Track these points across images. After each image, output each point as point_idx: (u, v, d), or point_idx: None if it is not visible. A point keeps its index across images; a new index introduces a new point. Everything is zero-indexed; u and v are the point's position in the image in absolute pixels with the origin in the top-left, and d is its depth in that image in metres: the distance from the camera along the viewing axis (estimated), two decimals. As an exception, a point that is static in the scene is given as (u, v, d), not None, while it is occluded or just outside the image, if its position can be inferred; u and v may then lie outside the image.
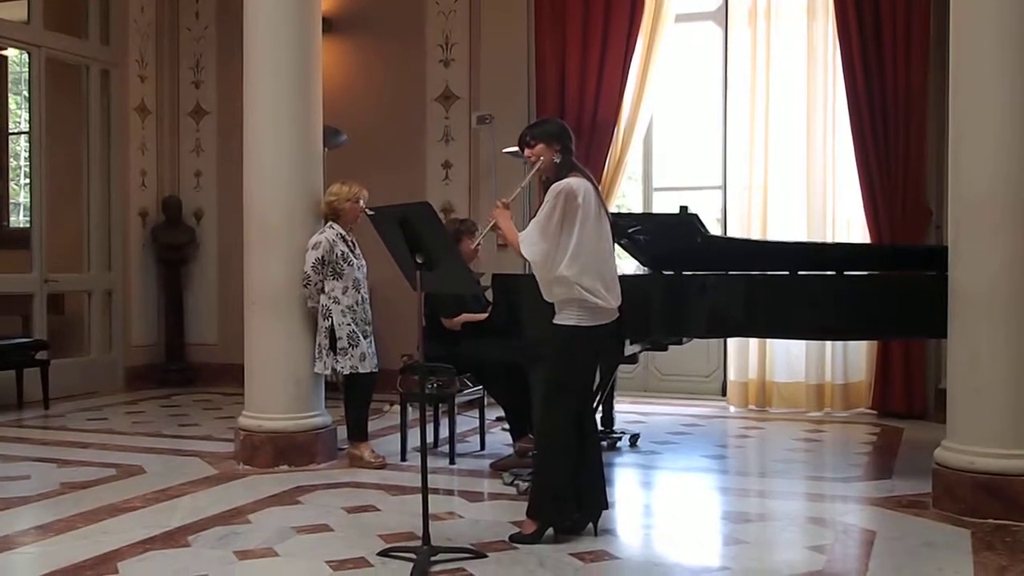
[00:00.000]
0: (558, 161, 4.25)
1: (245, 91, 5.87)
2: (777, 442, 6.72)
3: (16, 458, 6.01)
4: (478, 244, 4.94)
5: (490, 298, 5.83)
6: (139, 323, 9.40)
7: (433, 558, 3.88)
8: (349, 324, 5.69)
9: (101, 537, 4.26)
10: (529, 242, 4.14)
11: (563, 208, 4.12)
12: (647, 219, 6.83)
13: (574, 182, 4.18)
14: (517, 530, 4.25)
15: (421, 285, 4.11)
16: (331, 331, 5.68)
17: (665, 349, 6.61)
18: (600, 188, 7.80)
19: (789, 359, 7.81)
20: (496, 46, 8.55)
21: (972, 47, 4.60)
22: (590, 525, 4.30)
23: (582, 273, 4.11)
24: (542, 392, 4.36)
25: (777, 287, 5.56)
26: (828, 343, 7.59)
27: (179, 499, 4.97)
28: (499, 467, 5.63)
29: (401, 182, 8.27)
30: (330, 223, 5.81)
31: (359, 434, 5.82)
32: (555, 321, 4.23)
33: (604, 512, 4.34)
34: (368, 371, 5.75)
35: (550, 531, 4.20)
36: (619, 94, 8.04)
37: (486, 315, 5.73)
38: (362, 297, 5.82)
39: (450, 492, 5.27)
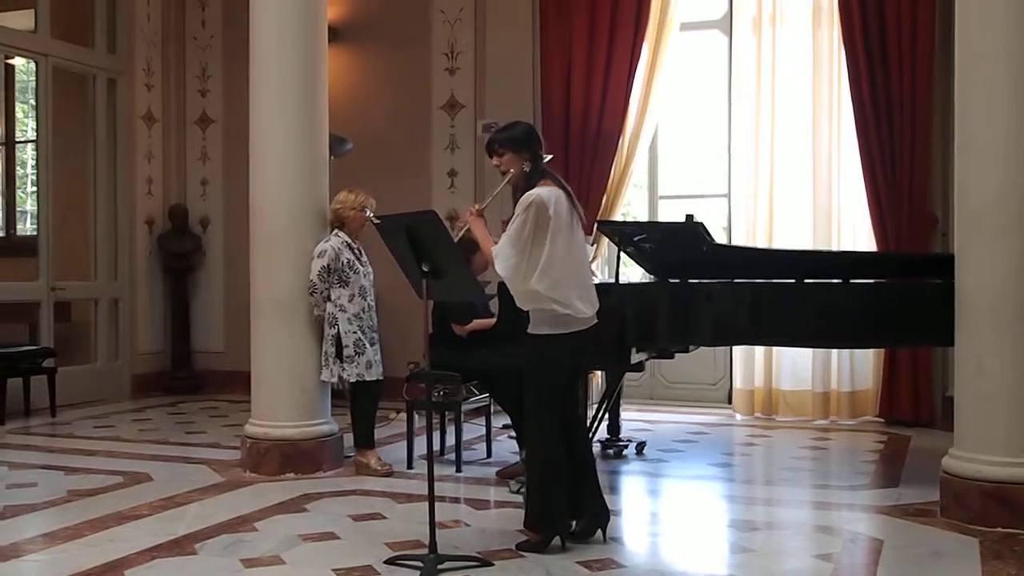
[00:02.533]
0: (527, 169, 4.23)
1: (251, 99, 5.89)
2: (784, 450, 6.70)
3: (23, 465, 6.02)
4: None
5: (495, 307, 5.84)
6: (146, 331, 9.41)
7: (440, 566, 3.88)
8: (355, 332, 5.70)
9: (108, 545, 4.26)
10: (503, 257, 4.12)
11: (534, 221, 4.08)
12: (653, 227, 6.83)
13: (544, 192, 4.15)
14: (524, 538, 4.25)
15: (427, 293, 4.12)
16: (337, 339, 5.68)
17: (671, 357, 6.60)
18: (604, 197, 7.95)
19: (795, 367, 7.80)
20: (501, 54, 8.57)
21: (977, 54, 4.60)
22: (599, 532, 4.29)
23: (553, 286, 4.10)
24: (526, 402, 4.34)
25: (783, 295, 5.55)
26: (834, 351, 7.58)
27: (186, 507, 4.98)
28: (506, 475, 5.62)
29: (407, 190, 8.28)
30: (336, 231, 5.82)
31: (365, 442, 5.82)
32: (528, 331, 4.23)
33: (612, 519, 4.33)
34: (374, 379, 5.75)
35: (557, 539, 4.19)
36: (624, 102, 8.05)
37: (494, 321, 5.74)
38: (368, 305, 5.83)
39: (456, 500, 5.26)
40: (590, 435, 5.59)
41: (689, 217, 5.92)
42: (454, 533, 4.47)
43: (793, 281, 5.64)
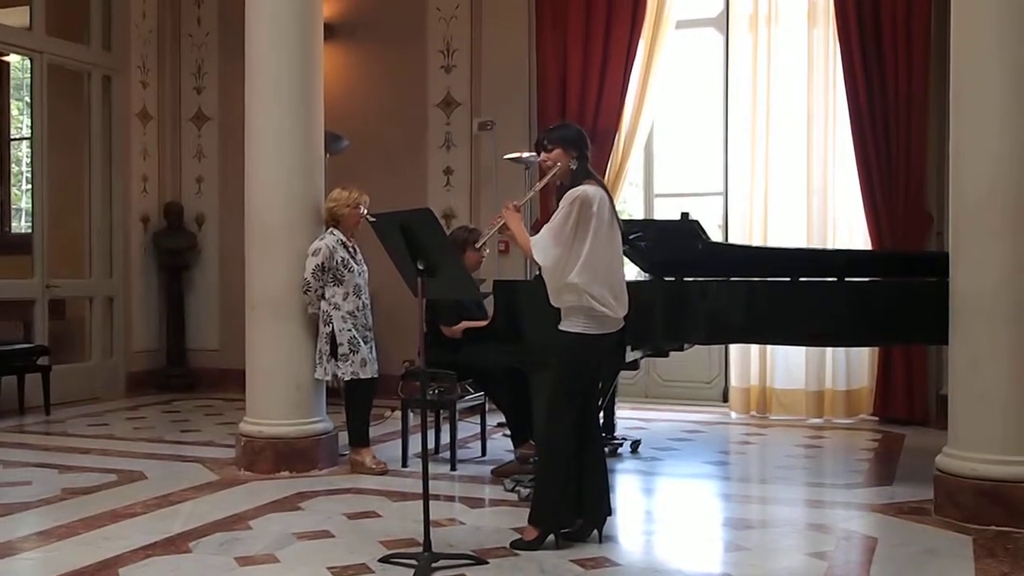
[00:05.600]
0: (574, 167, 4.26)
1: (247, 97, 5.88)
2: (778, 448, 6.71)
3: (17, 464, 6.01)
4: (483, 243, 4.82)
5: (491, 305, 5.83)
6: (140, 328, 9.40)
7: (434, 564, 3.88)
8: (350, 330, 5.69)
9: (102, 543, 4.25)
10: (542, 247, 4.13)
11: (578, 215, 4.11)
12: (648, 225, 6.83)
13: (590, 190, 4.18)
14: (518, 536, 4.26)
15: (422, 291, 4.12)
16: (332, 337, 5.68)
17: (666, 355, 6.61)
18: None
19: (790, 366, 7.79)
20: (497, 52, 8.56)
21: (972, 53, 4.61)
22: (594, 532, 4.30)
23: (592, 281, 4.11)
24: (544, 398, 4.36)
25: (778, 293, 5.56)
26: (829, 350, 7.59)
27: (180, 505, 4.97)
28: (500, 473, 5.63)
29: (402, 188, 8.28)
30: (331, 229, 5.81)
31: (360, 440, 5.82)
32: (561, 327, 4.22)
33: (607, 518, 4.34)
34: (369, 377, 5.74)
35: (551, 537, 4.19)
36: (620, 100, 8.05)
37: (486, 322, 5.73)
38: (363, 303, 5.82)
39: (451, 498, 5.26)
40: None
41: (684, 215, 5.93)
42: (449, 531, 4.47)
43: (788, 280, 5.65)
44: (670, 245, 5.96)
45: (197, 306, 9.64)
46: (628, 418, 7.46)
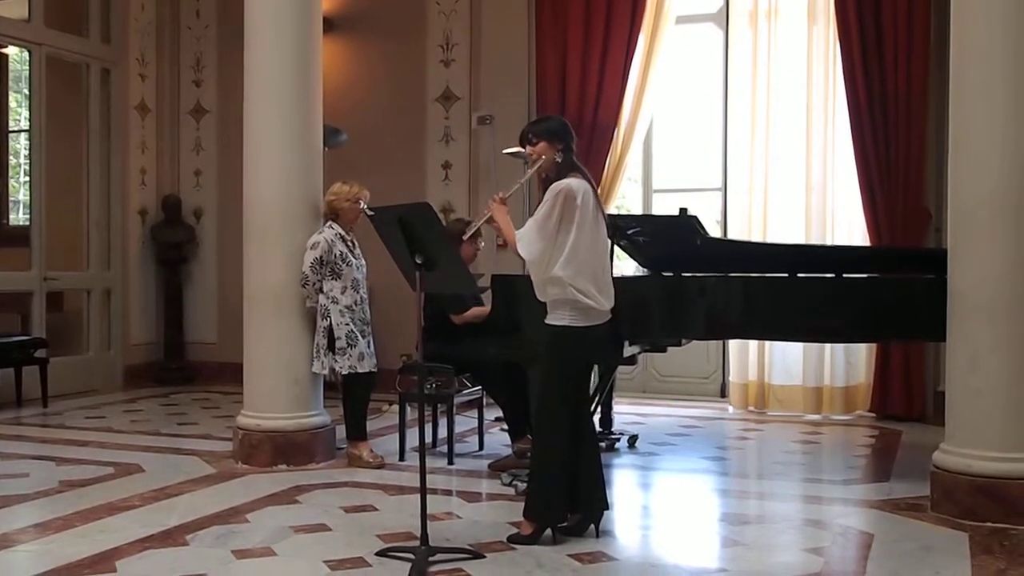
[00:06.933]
0: (559, 160, 4.25)
1: (245, 90, 5.87)
2: (776, 444, 6.72)
3: (14, 456, 6.01)
4: (472, 234, 4.72)
5: (489, 299, 5.83)
6: (138, 321, 9.40)
7: (431, 558, 3.88)
8: (347, 324, 5.69)
9: (99, 535, 4.26)
10: (526, 241, 4.13)
11: (562, 208, 4.11)
12: (647, 221, 6.82)
13: (574, 183, 4.18)
14: (515, 531, 4.26)
15: (420, 285, 4.12)
16: (329, 331, 5.68)
17: (664, 350, 6.60)
18: (599, 189, 7.95)
19: (788, 362, 7.79)
20: (497, 47, 8.55)
21: (972, 51, 4.60)
22: (591, 527, 4.30)
23: (576, 274, 4.11)
24: (536, 393, 4.36)
25: (776, 289, 5.56)
26: (828, 346, 7.59)
27: (177, 498, 4.97)
28: (498, 467, 5.63)
29: (401, 182, 8.26)
30: (329, 223, 5.81)
31: (358, 434, 5.82)
32: (547, 321, 4.23)
33: (604, 513, 4.34)
34: (366, 371, 5.74)
35: (548, 532, 4.20)
36: (619, 95, 8.04)
37: (490, 309, 5.74)
38: (361, 297, 5.82)
39: (448, 492, 5.27)
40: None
41: (683, 210, 5.92)
42: (446, 525, 4.48)
43: (786, 275, 5.65)
44: (668, 240, 5.96)
45: (195, 299, 9.63)
46: (625, 413, 7.46)
